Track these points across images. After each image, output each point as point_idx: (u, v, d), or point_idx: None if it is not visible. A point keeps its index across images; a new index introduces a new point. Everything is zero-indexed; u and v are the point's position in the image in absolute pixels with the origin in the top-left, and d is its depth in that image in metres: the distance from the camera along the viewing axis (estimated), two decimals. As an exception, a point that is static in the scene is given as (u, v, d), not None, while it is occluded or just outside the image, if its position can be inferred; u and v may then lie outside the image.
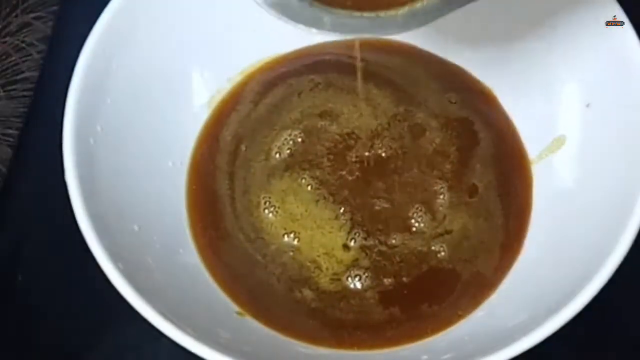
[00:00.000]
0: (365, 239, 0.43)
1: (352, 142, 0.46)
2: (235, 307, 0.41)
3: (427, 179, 0.45)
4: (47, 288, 0.45)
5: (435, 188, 0.45)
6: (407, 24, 0.35)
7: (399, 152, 0.46)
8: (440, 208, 0.44)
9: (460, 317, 0.41)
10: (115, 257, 0.36)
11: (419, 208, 0.44)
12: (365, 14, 0.35)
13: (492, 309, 0.41)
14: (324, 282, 0.42)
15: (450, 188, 0.45)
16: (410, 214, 0.44)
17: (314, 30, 0.35)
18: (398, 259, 0.43)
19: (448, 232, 0.43)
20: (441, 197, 0.44)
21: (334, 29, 0.35)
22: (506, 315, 0.39)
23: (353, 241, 0.43)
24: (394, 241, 0.43)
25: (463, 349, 0.38)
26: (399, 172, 0.45)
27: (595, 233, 0.38)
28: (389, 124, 0.47)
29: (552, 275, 0.39)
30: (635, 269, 0.36)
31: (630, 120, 0.40)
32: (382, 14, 0.35)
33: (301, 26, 0.35)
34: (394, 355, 0.40)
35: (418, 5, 0.35)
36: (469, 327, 0.40)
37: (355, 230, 0.43)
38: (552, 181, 0.44)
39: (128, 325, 0.40)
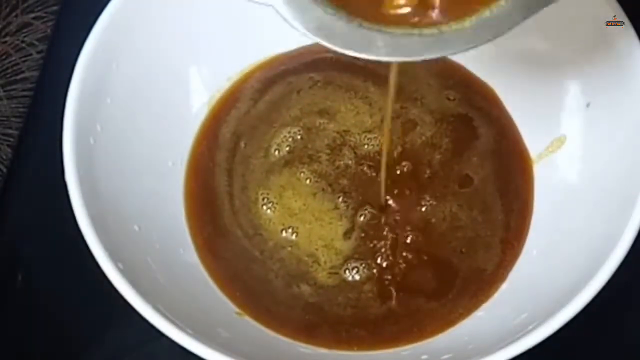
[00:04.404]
0: (362, 225, 0.43)
1: (349, 138, 0.46)
2: (234, 308, 0.41)
3: (417, 169, 0.45)
4: (47, 288, 0.45)
5: (423, 177, 0.45)
6: (476, 38, 0.30)
7: (392, 146, 0.46)
8: (427, 196, 0.44)
9: (460, 315, 0.41)
10: (115, 257, 0.36)
11: (408, 195, 0.44)
12: (426, 31, 0.30)
13: (492, 308, 0.41)
14: (322, 276, 0.42)
15: (437, 177, 0.45)
16: (400, 202, 0.44)
17: (365, 56, 0.30)
18: (394, 246, 0.43)
19: (436, 219, 0.44)
20: (429, 185, 0.45)
21: (389, 53, 0.30)
22: (506, 315, 0.39)
23: (352, 229, 0.43)
24: (388, 228, 0.43)
25: (463, 349, 0.38)
26: (392, 164, 0.45)
27: (595, 233, 0.38)
28: (381, 121, 0.47)
29: (552, 275, 0.39)
30: (635, 269, 0.36)
31: (630, 120, 0.40)
32: (445, 28, 0.30)
33: (351, 52, 0.30)
34: (394, 355, 0.40)
35: (487, 13, 0.30)
36: (469, 327, 0.40)
37: (355, 218, 0.44)
38: (552, 181, 0.44)
39: (128, 325, 0.40)
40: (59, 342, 0.44)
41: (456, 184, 0.45)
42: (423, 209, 0.44)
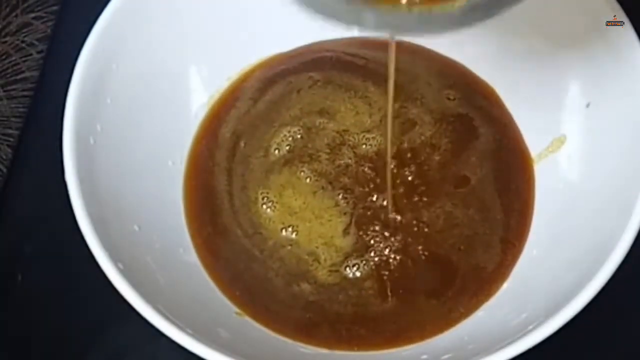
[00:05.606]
0: (362, 222, 0.43)
1: (348, 137, 0.46)
2: (234, 307, 0.41)
3: (417, 169, 0.45)
4: (47, 288, 0.45)
5: (423, 176, 0.45)
6: (464, 20, 0.31)
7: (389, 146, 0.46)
8: (427, 195, 0.44)
9: (461, 315, 0.41)
10: (115, 257, 0.36)
11: (408, 194, 0.44)
12: (415, 10, 0.31)
13: (492, 308, 0.41)
14: (322, 274, 0.42)
15: (437, 177, 0.45)
16: (400, 200, 0.44)
17: (355, 25, 0.32)
18: (393, 244, 0.43)
19: (437, 218, 0.44)
20: (429, 184, 0.45)
21: (378, 27, 0.32)
22: (506, 315, 0.39)
23: (352, 225, 0.43)
24: (387, 226, 0.43)
25: (463, 349, 0.38)
26: (396, 163, 0.45)
27: (595, 233, 0.38)
28: (380, 120, 0.47)
29: (553, 275, 0.39)
30: (635, 269, 0.36)
31: (630, 120, 0.40)
32: (436, 8, 0.31)
33: (342, 24, 0.31)
34: (394, 355, 0.40)
35: None
36: (469, 327, 0.40)
37: (354, 215, 0.44)
38: (553, 181, 0.44)
39: (128, 325, 0.40)
40: (59, 342, 0.44)
41: (456, 184, 0.45)
42: (423, 207, 0.44)
